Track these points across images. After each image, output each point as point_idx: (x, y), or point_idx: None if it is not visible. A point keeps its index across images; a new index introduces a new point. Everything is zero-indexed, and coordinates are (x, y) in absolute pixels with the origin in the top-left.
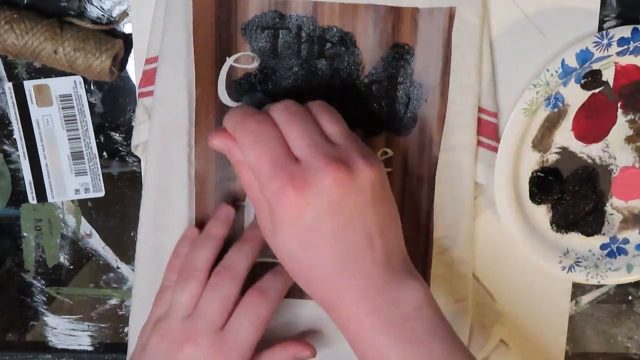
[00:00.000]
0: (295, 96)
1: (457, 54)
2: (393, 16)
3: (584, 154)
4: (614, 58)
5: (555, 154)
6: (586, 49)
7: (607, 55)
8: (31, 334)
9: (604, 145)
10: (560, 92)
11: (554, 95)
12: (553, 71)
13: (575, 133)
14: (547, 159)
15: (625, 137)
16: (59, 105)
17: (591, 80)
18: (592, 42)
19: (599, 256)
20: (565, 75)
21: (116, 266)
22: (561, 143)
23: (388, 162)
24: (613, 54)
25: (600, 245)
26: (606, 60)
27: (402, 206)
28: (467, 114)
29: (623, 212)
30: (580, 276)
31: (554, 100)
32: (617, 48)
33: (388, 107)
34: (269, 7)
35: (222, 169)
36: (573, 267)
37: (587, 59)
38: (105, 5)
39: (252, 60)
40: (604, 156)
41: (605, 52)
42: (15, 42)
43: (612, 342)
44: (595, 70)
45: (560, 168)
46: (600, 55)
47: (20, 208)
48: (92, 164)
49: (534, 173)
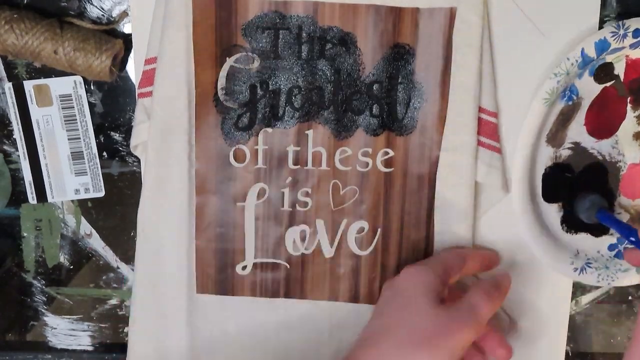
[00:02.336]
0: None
1: (457, 54)
2: (393, 16)
3: (595, 149)
4: (626, 51)
5: (568, 149)
6: (604, 38)
7: (621, 47)
8: (31, 334)
9: (613, 142)
10: (575, 84)
11: (569, 87)
12: (573, 60)
13: (588, 128)
14: (561, 155)
15: (634, 133)
16: (59, 105)
17: (604, 73)
18: (609, 32)
19: (608, 257)
20: (584, 65)
21: (116, 266)
22: (574, 138)
23: (388, 162)
24: (627, 45)
25: (608, 246)
26: (619, 52)
27: (403, 207)
28: (467, 114)
29: (630, 211)
30: (592, 278)
31: (569, 93)
32: (631, 40)
33: (388, 107)
34: (270, 8)
35: (222, 169)
36: (585, 269)
37: (604, 49)
38: (105, 5)
39: (253, 60)
40: (613, 153)
41: (620, 42)
42: (15, 42)
43: (612, 342)
44: (607, 62)
45: (572, 164)
46: (616, 46)
47: (20, 208)
48: (92, 164)
49: (546, 169)
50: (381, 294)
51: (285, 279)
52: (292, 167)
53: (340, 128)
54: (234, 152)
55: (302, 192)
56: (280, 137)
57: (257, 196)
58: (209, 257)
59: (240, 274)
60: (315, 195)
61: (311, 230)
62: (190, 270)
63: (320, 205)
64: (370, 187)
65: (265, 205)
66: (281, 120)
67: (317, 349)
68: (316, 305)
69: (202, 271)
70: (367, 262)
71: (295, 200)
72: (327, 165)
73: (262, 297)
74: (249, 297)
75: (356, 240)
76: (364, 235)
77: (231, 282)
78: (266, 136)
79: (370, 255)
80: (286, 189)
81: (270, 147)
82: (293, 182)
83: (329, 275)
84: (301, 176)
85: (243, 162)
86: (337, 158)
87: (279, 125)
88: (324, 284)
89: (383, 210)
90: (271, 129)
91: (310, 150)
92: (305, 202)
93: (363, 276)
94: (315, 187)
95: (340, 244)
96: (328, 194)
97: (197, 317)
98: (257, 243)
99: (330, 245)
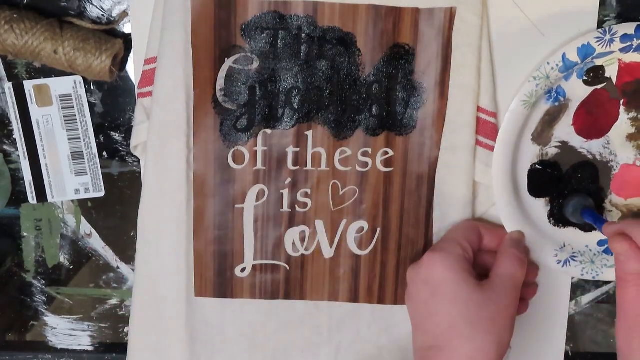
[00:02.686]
0: (294, 97)
1: (457, 53)
2: (393, 16)
3: (584, 149)
4: (618, 55)
5: (555, 148)
6: (588, 44)
7: (610, 51)
8: (31, 334)
9: (605, 142)
10: (561, 86)
11: (555, 89)
12: (554, 64)
13: (576, 128)
14: (547, 153)
15: (627, 135)
16: (59, 105)
17: (593, 76)
18: (594, 37)
19: (596, 252)
20: (566, 69)
21: (116, 266)
22: (561, 137)
23: (388, 162)
24: (616, 50)
25: (597, 242)
26: (609, 56)
27: (402, 206)
28: (466, 114)
29: (622, 209)
30: (576, 271)
31: (555, 94)
32: (620, 44)
33: (388, 107)
34: (269, 8)
35: (221, 171)
36: (568, 262)
37: (588, 54)
38: (105, 5)
39: (252, 61)
40: (604, 152)
41: (607, 48)
42: (15, 42)
43: (612, 342)
44: (598, 66)
45: (559, 162)
46: (603, 51)
47: (20, 208)
48: (92, 164)
49: (532, 166)
50: (412, 286)
51: (284, 280)
52: (291, 168)
53: (340, 128)
54: (233, 153)
55: (302, 193)
56: (280, 138)
57: (256, 198)
58: (208, 259)
59: (239, 276)
60: (315, 195)
61: (311, 231)
62: (189, 273)
63: (319, 206)
64: (370, 187)
65: (264, 206)
66: (280, 121)
67: (317, 349)
68: (316, 305)
69: (200, 274)
70: (366, 262)
71: (294, 201)
72: (327, 165)
73: (261, 299)
74: (249, 299)
75: (356, 240)
76: (364, 235)
77: (230, 285)
78: (265, 137)
79: (369, 255)
80: (285, 190)
81: (269, 148)
82: (292, 183)
83: (329, 275)
84: (300, 177)
85: (242, 164)
86: (337, 158)
87: (278, 126)
88: (324, 285)
89: (382, 210)
90: (270, 130)
91: (310, 151)
92: (305, 203)
93: (363, 276)
94: (314, 188)
95: (339, 244)
96: (327, 194)
97: (196, 319)
98: (256, 245)
99: (330, 246)
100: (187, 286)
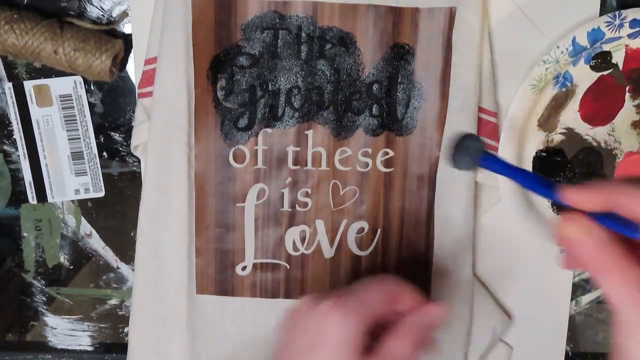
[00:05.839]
0: (295, 97)
1: (457, 53)
2: (393, 16)
3: (589, 136)
4: (625, 40)
5: (561, 134)
6: (598, 27)
7: (618, 36)
8: (31, 334)
9: (609, 129)
10: (569, 71)
11: (563, 74)
12: (563, 48)
13: (582, 114)
14: (552, 139)
15: (632, 122)
16: (59, 105)
17: (601, 61)
18: (604, 21)
19: None
20: (575, 54)
21: (116, 266)
22: (567, 124)
23: (388, 162)
24: (624, 35)
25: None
26: (617, 42)
27: (402, 206)
28: (467, 114)
29: None
30: None
31: (562, 80)
32: (628, 30)
33: (388, 107)
34: (269, 8)
35: (222, 170)
36: None
37: (598, 38)
38: (105, 5)
39: (252, 61)
40: (609, 140)
41: (617, 32)
42: (15, 42)
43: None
44: (605, 51)
45: (564, 149)
46: (612, 36)
47: (20, 208)
48: (92, 164)
49: (538, 152)
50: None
51: (285, 280)
52: (291, 167)
53: (340, 128)
54: (234, 152)
55: (302, 193)
56: (280, 137)
57: (256, 197)
58: (209, 257)
59: (240, 275)
60: (315, 195)
61: (311, 230)
62: (191, 271)
63: (320, 206)
64: (370, 187)
65: (264, 205)
66: (281, 121)
67: None
68: None
69: (201, 272)
70: (367, 263)
71: (295, 200)
72: (327, 165)
73: (262, 298)
74: (249, 298)
75: (356, 240)
76: (364, 235)
77: (231, 283)
78: (266, 136)
79: (370, 256)
80: (286, 190)
81: (269, 148)
82: (293, 183)
83: (329, 275)
84: (301, 176)
85: (242, 163)
86: (337, 158)
87: (279, 126)
88: (324, 285)
89: (383, 211)
90: (271, 129)
91: (310, 151)
92: (305, 203)
93: (363, 276)
94: (315, 188)
95: (340, 244)
96: (328, 194)
97: (197, 317)
98: (256, 243)
99: (330, 246)
100: (189, 283)
